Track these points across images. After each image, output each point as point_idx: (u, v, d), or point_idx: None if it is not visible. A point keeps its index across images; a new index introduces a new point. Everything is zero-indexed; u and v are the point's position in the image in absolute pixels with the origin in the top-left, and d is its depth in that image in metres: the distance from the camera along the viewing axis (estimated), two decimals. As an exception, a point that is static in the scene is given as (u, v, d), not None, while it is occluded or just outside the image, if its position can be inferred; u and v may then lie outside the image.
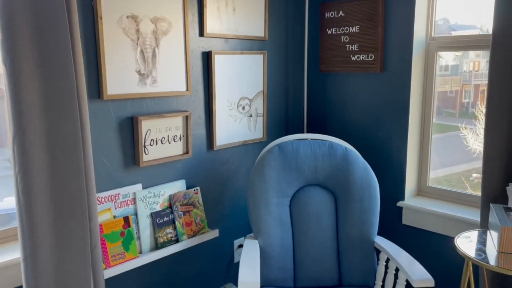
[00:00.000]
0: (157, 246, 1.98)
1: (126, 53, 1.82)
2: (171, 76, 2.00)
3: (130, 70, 1.85)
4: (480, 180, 1.88)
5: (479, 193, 2.18)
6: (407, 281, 1.73)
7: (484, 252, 1.55)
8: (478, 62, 2.27)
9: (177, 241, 2.05)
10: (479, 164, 2.09)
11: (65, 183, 1.51)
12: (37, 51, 1.45)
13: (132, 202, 1.93)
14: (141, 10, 1.85)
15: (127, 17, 1.81)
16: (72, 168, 1.53)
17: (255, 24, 2.33)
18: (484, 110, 1.88)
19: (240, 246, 2.43)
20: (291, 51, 2.59)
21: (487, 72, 1.81)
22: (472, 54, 2.26)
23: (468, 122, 2.19)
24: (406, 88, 2.22)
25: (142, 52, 1.88)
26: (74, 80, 1.51)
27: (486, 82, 1.81)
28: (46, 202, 1.48)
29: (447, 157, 2.33)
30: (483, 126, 1.83)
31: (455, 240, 1.66)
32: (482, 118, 2.07)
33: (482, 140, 1.86)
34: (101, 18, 1.72)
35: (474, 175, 2.25)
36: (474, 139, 2.19)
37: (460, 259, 2.11)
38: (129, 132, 1.90)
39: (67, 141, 1.52)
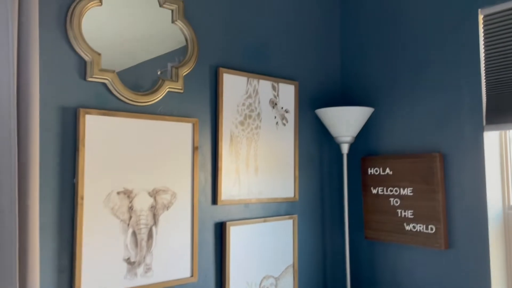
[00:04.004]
0: None
1: (112, 239, 1.44)
2: (172, 260, 1.58)
3: (116, 259, 1.45)
4: None
5: None
6: None
7: None
8: None
9: None
10: None
11: None
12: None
13: None
14: (136, 183, 1.51)
15: (118, 193, 1.47)
16: None
17: (282, 184, 1.93)
18: None
19: None
20: (328, 213, 2.13)
21: None
22: None
23: None
24: (483, 273, 1.64)
25: (134, 234, 1.50)
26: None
27: None
28: None
29: None
30: None
31: None
32: None
33: None
34: (82, 198, 1.39)
35: None
36: None
37: None
38: None
39: None
